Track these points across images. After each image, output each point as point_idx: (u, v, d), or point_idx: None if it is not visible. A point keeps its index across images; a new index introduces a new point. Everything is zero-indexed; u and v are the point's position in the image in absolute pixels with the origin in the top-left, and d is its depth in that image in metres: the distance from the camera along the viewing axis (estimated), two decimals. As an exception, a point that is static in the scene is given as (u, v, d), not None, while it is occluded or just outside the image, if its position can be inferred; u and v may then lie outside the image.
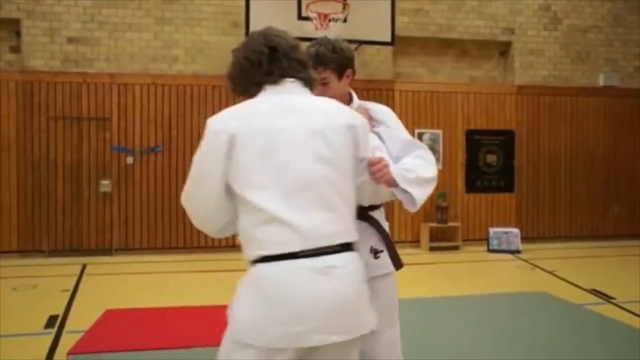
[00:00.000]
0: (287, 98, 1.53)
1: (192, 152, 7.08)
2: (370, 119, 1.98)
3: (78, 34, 7.12)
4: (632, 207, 8.64)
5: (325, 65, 1.97)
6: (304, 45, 1.75)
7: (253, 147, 1.43)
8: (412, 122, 7.94)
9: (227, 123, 1.47)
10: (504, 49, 8.50)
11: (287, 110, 1.49)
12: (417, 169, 1.70)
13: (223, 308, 4.58)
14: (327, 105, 1.58)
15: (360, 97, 2.19)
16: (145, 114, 7.24)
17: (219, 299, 4.63)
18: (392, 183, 1.65)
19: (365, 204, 1.73)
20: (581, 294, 5.05)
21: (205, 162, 1.49)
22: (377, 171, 1.61)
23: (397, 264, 1.94)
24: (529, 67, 8.45)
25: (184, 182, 1.65)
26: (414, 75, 8.26)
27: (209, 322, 3.97)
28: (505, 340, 3.73)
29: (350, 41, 7.25)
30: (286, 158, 1.43)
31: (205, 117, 7.16)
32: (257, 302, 1.42)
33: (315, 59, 1.95)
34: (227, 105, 6.43)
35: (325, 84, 1.99)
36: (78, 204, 7.07)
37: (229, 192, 1.48)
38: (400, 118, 2.17)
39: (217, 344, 3.69)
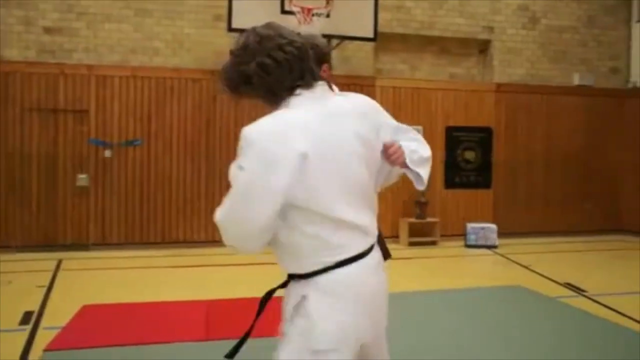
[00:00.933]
0: (325, 103, 1.49)
1: (172, 146, 7.03)
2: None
3: (55, 24, 6.97)
4: (604, 203, 8.87)
5: None
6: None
7: (316, 158, 1.39)
8: (393, 118, 7.98)
9: (286, 137, 1.38)
10: (483, 47, 8.61)
11: (331, 116, 1.47)
12: (417, 149, 1.72)
13: (201, 303, 4.56)
14: (360, 107, 1.58)
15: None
16: (124, 107, 7.13)
17: (197, 294, 4.63)
18: (405, 164, 1.68)
19: (378, 190, 1.74)
20: (555, 287, 5.17)
21: (261, 179, 1.38)
22: (393, 153, 1.61)
23: (386, 254, 1.98)
24: (508, 66, 8.58)
25: (163, 176, 1.62)
26: (395, 71, 8.31)
27: (187, 318, 3.97)
28: (483, 332, 3.81)
29: (332, 36, 7.29)
30: (343, 165, 1.45)
31: (186, 111, 7.11)
32: (345, 306, 1.44)
33: None
34: (208, 100, 6.45)
35: None
36: (54, 198, 6.94)
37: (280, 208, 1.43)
38: None
39: (195, 338, 3.69)
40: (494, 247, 7.44)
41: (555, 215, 8.57)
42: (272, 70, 1.45)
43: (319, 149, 1.40)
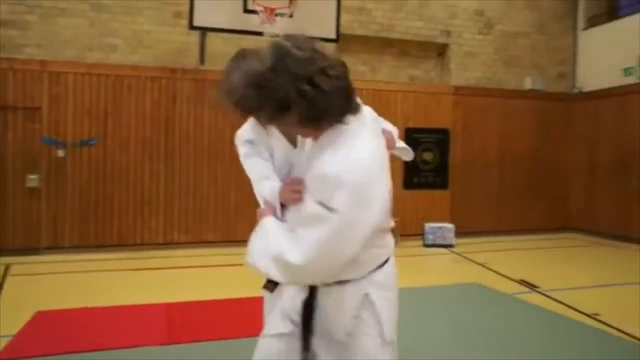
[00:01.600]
0: (372, 124, 1.54)
1: (129, 146, 6.85)
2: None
3: (5, 16, 6.65)
4: (554, 203, 9.26)
5: None
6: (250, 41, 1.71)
7: (389, 183, 1.50)
8: (354, 119, 8.08)
9: (372, 173, 1.40)
10: (441, 51, 8.82)
11: (379, 137, 1.57)
12: (391, 130, 1.92)
13: (161, 306, 4.46)
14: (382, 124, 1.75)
15: None
16: (79, 105, 6.89)
17: (156, 297, 4.54)
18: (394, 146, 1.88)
19: None
20: (510, 284, 5.36)
21: (357, 218, 1.37)
22: (389, 140, 1.77)
23: None
24: (464, 69, 8.83)
25: (120, 176, 1.58)
26: (355, 72, 8.38)
27: (148, 321, 3.89)
28: (442, 328, 3.91)
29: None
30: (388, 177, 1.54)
31: (144, 110, 6.93)
32: (395, 295, 1.74)
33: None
34: (167, 99, 6.34)
35: None
36: (2, 200, 6.63)
37: None
38: None
39: (152, 343, 3.60)
40: (451, 246, 7.63)
41: (508, 214, 8.87)
42: (317, 99, 1.32)
43: (387, 173, 1.49)
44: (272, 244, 1.48)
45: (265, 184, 1.82)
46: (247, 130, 2.01)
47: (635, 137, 8.30)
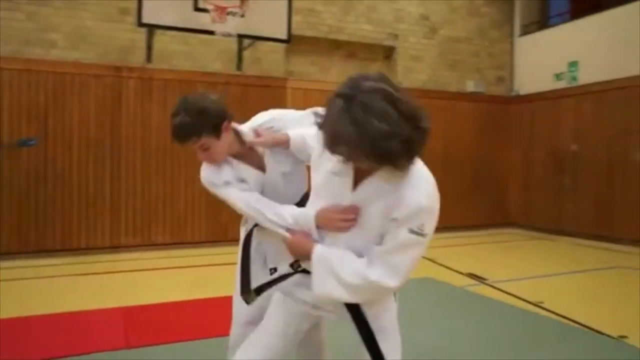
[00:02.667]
0: None
1: (72, 146, 6.61)
2: (273, 132, 2.06)
3: None
4: (495, 200, 9.72)
5: (199, 134, 1.92)
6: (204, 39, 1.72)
7: None
8: (304, 119, 8.13)
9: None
10: (388, 53, 9.05)
11: None
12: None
13: (115, 310, 4.32)
14: None
15: (254, 95, 2.23)
16: (16, 103, 6.51)
17: (95, 302, 4.37)
18: None
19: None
20: (460, 277, 5.58)
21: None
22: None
23: None
24: (411, 72, 9.10)
25: (63, 178, 1.55)
26: (305, 73, 8.45)
27: (103, 326, 3.75)
28: (408, 320, 4.00)
29: (246, 36, 7.24)
30: None
31: (88, 109, 6.71)
32: None
33: (183, 131, 1.89)
34: (113, 97, 6.24)
35: (206, 149, 1.96)
36: None
37: None
38: None
39: (115, 347, 3.47)
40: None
41: (453, 211, 9.21)
42: (420, 142, 1.45)
43: None
44: (353, 275, 1.59)
45: (285, 212, 1.85)
46: (222, 173, 2.04)
47: (567, 138, 8.87)
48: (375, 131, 1.36)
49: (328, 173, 1.66)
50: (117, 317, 3.95)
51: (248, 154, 2.06)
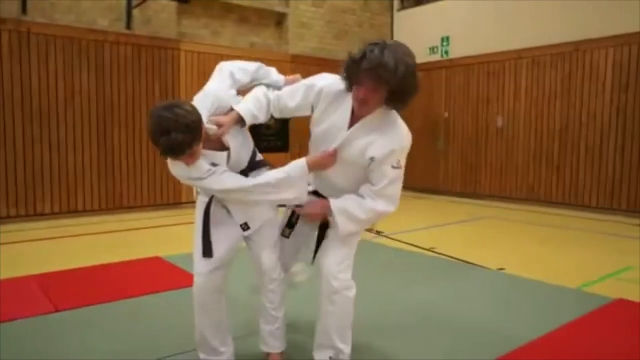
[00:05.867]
0: None
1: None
2: (224, 115, 2.26)
3: None
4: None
5: (191, 147, 2.06)
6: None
7: None
8: (198, 84, 7.95)
9: None
10: (280, 19, 9.17)
11: None
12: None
13: (28, 278, 4.20)
14: None
15: (146, 56, 2.33)
16: None
17: (12, 272, 4.10)
18: None
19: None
20: (363, 232, 6.10)
21: None
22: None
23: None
24: (301, 39, 9.34)
25: None
26: (197, 36, 8.26)
27: (22, 294, 3.57)
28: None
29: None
30: None
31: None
32: None
33: (179, 149, 2.00)
34: None
35: (192, 154, 2.07)
36: None
37: None
38: (186, 79, 2.31)
39: (46, 311, 3.38)
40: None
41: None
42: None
43: None
44: (365, 212, 2.22)
45: (271, 177, 2.24)
46: (199, 165, 2.15)
47: (439, 105, 9.88)
48: (411, 63, 2.00)
49: (329, 123, 2.19)
50: (32, 284, 3.75)
51: (208, 140, 2.18)
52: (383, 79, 1.98)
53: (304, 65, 9.29)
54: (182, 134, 1.93)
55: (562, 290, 3.81)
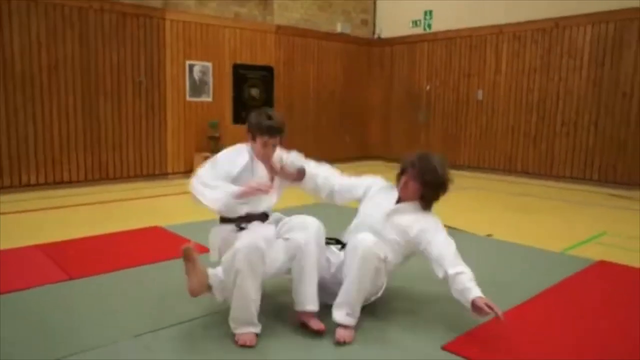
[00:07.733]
0: None
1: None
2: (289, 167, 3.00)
3: None
4: (359, 135, 10.69)
5: (282, 135, 2.89)
6: None
7: None
8: (184, 53, 7.92)
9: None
10: (264, -11, 9.08)
11: None
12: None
13: (34, 248, 4.26)
14: None
15: (131, 25, 2.49)
16: None
17: (12, 243, 4.12)
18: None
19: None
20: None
21: None
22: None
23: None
24: (286, 10, 9.29)
25: None
26: (182, 5, 8.12)
27: (31, 264, 3.62)
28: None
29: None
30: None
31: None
32: None
33: (284, 127, 2.87)
34: None
35: (274, 147, 2.88)
36: None
37: None
38: (172, 49, 2.27)
39: (59, 279, 3.44)
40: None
41: (324, 145, 9.95)
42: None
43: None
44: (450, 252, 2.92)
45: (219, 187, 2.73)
46: (240, 156, 2.92)
47: (422, 78, 10.04)
48: (445, 174, 2.85)
49: (377, 202, 2.96)
50: (38, 254, 3.79)
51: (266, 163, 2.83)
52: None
53: (289, 36, 9.29)
54: (284, 122, 2.77)
55: (548, 254, 4.09)
